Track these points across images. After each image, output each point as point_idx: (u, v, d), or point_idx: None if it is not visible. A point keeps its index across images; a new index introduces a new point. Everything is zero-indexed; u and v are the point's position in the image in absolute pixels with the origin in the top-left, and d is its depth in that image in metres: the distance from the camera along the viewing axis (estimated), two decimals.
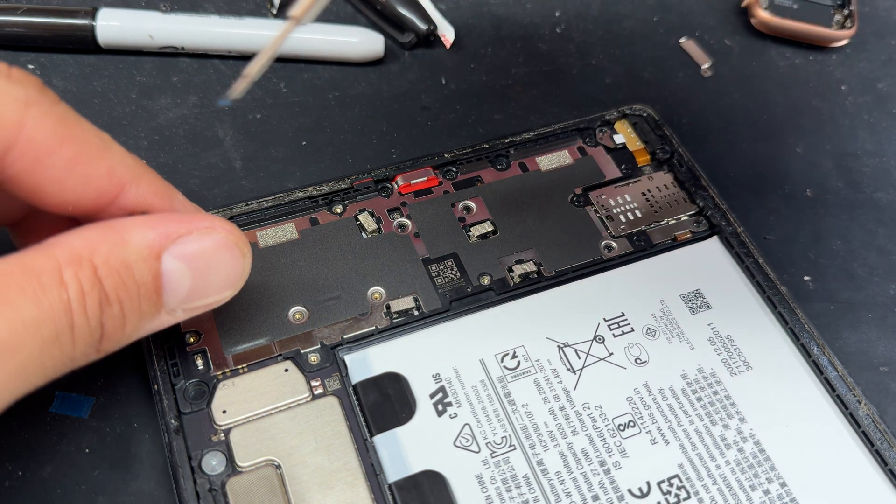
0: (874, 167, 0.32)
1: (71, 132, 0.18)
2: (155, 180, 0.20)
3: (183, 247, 0.19)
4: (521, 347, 0.24)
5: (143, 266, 0.18)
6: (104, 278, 0.18)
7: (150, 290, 0.19)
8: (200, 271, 0.20)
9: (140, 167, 0.20)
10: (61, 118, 0.18)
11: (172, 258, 0.19)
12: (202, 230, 0.20)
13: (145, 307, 0.19)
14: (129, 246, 0.18)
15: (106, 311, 0.18)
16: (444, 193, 0.28)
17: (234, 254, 0.20)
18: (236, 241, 0.20)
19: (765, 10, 0.35)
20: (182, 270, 0.19)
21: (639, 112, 0.31)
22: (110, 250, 0.18)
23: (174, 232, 0.19)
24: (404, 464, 0.22)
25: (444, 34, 0.34)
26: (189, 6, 0.34)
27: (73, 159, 0.18)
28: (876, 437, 0.23)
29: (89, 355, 0.18)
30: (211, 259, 0.20)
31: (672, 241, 0.27)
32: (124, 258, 0.18)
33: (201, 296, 0.20)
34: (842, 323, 0.27)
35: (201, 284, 0.20)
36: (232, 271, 0.21)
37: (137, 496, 0.22)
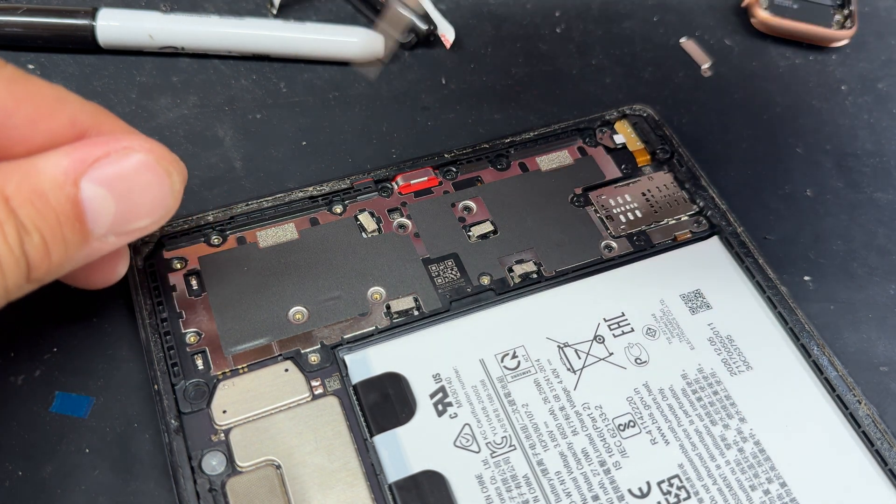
0: (874, 167, 0.32)
1: (25, 90, 0.18)
2: (115, 122, 0.20)
3: (101, 170, 0.19)
4: (521, 347, 0.24)
5: (58, 193, 0.18)
6: (18, 208, 0.17)
7: (71, 217, 0.18)
8: (123, 194, 0.19)
9: (100, 112, 0.20)
10: (12, 78, 0.18)
11: (91, 183, 0.18)
12: (120, 151, 0.19)
13: (69, 235, 0.18)
14: (41, 174, 0.18)
15: (26, 240, 0.18)
16: (444, 193, 0.28)
17: (158, 173, 0.20)
18: (158, 160, 0.20)
19: (765, 10, 0.35)
20: (102, 195, 0.19)
21: (639, 112, 0.31)
22: (21, 179, 0.18)
23: (90, 156, 0.19)
24: (404, 464, 0.22)
25: (444, 34, 0.34)
26: (189, 6, 0.34)
27: (33, 116, 0.18)
28: (876, 437, 0.23)
29: (22, 286, 0.18)
30: (133, 181, 0.19)
31: (672, 241, 0.27)
32: (36, 186, 0.18)
33: (130, 219, 0.20)
34: (842, 323, 0.27)
35: (127, 208, 0.19)
36: (159, 192, 0.20)
37: (137, 496, 0.22)
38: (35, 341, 0.24)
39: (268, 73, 0.32)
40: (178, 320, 0.24)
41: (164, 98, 0.31)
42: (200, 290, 0.25)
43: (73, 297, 0.25)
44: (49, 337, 0.24)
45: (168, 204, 0.20)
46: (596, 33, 0.35)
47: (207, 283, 0.25)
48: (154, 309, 0.24)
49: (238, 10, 0.34)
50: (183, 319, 0.24)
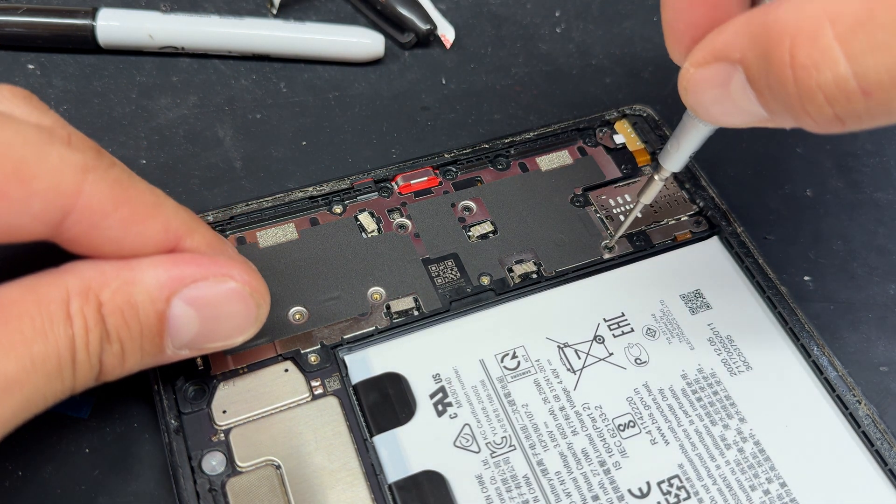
0: (874, 167, 0.32)
1: (126, 194, 0.18)
2: (207, 232, 0.20)
3: (194, 292, 0.19)
4: (521, 347, 0.24)
5: (149, 307, 0.18)
6: (107, 316, 0.18)
7: (153, 332, 0.19)
8: (209, 318, 0.20)
9: (193, 220, 0.20)
10: (116, 181, 0.18)
11: (182, 302, 0.19)
12: (218, 277, 0.19)
13: (147, 347, 0.19)
14: (138, 285, 0.18)
15: (106, 348, 0.18)
16: (444, 193, 0.28)
17: (248, 304, 0.20)
18: (252, 292, 0.20)
19: None
20: (190, 315, 0.19)
21: (639, 112, 0.31)
22: (118, 287, 0.18)
23: (189, 276, 0.19)
24: (404, 464, 0.22)
25: (444, 34, 0.34)
26: (189, 6, 0.34)
27: (128, 220, 0.18)
28: (876, 437, 0.23)
29: (88, 385, 0.19)
30: (222, 308, 0.20)
31: (672, 241, 0.27)
32: (131, 297, 0.18)
33: (208, 340, 0.20)
34: (842, 323, 0.27)
35: (209, 330, 0.20)
36: (244, 321, 0.20)
37: (137, 496, 0.22)
38: None
39: (268, 73, 0.32)
40: None
41: (164, 98, 0.31)
42: None
43: None
44: None
45: (248, 333, 0.21)
46: (596, 33, 0.35)
47: None
48: None
49: (238, 10, 0.34)
50: None
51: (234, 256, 0.21)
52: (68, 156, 0.17)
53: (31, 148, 0.17)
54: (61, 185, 0.17)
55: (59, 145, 0.17)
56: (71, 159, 0.17)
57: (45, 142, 0.17)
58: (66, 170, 0.17)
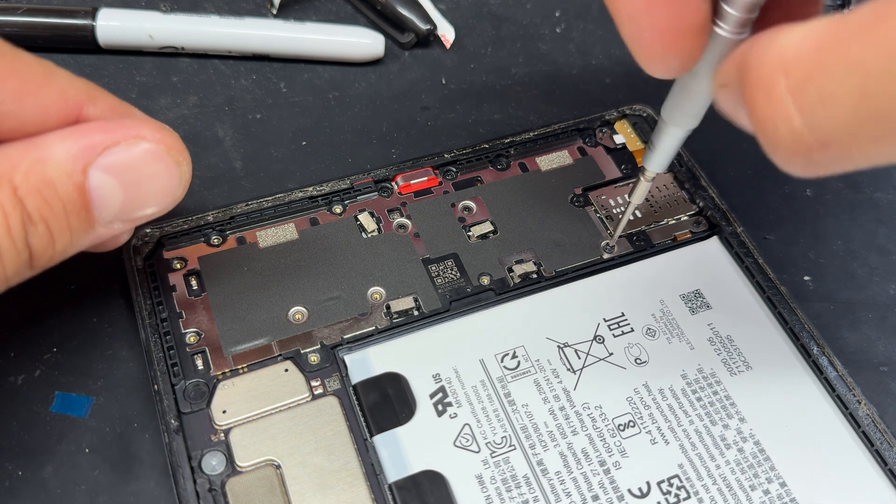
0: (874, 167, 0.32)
1: (10, 65, 0.18)
2: (109, 98, 0.20)
3: (110, 158, 0.18)
4: (521, 347, 0.24)
5: (66, 182, 0.18)
6: (25, 198, 0.17)
7: (78, 207, 0.18)
8: (131, 183, 0.19)
9: (91, 87, 0.19)
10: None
11: (99, 171, 0.18)
12: (130, 140, 0.19)
13: (75, 223, 0.18)
14: (50, 162, 0.18)
15: (31, 230, 0.17)
16: (444, 193, 0.28)
17: (167, 162, 0.19)
18: (168, 150, 0.19)
19: None
20: (111, 184, 0.18)
21: (639, 112, 0.31)
22: (30, 167, 0.17)
23: (99, 143, 0.18)
24: (404, 464, 0.22)
25: (444, 34, 0.34)
26: (189, 6, 0.34)
27: (20, 91, 0.18)
28: (876, 437, 0.23)
29: (23, 273, 0.18)
30: (142, 170, 0.19)
31: (672, 241, 0.27)
32: (45, 175, 0.17)
33: (137, 207, 0.19)
34: (842, 323, 0.27)
35: (134, 196, 0.19)
36: (167, 181, 0.20)
37: (137, 496, 0.22)
38: (35, 341, 0.24)
39: (268, 73, 0.32)
40: (178, 320, 0.24)
41: (164, 98, 0.31)
42: (200, 290, 0.25)
43: (73, 297, 0.25)
44: (49, 337, 0.24)
45: (176, 193, 0.20)
46: (596, 33, 0.35)
47: (207, 283, 0.25)
48: (154, 309, 0.24)
49: (238, 10, 0.34)
50: (183, 319, 0.24)
51: (142, 118, 0.20)
52: None
53: None
54: None
55: None
56: None
57: None
58: None
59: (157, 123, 0.20)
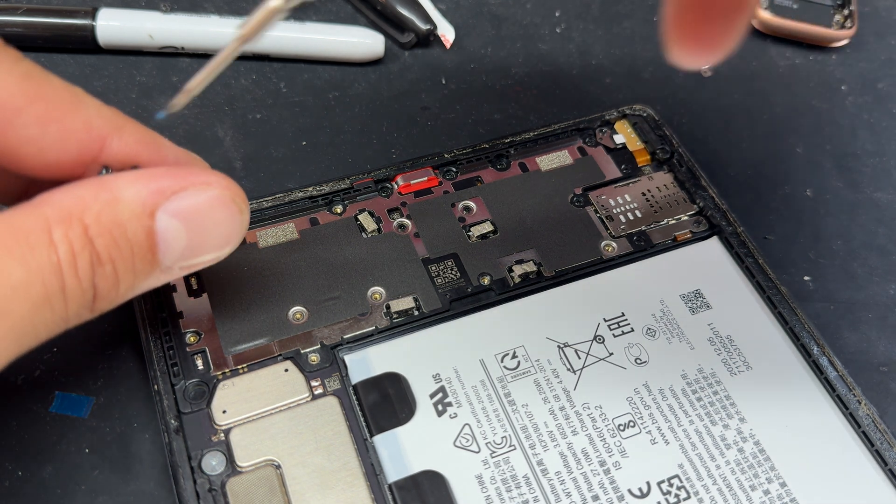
0: (874, 167, 0.32)
1: (39, 88, 0.17)
2: (137, 129, 0.20)
3: (178, 203, 0.18)
4: (521, 347, 0.24)
5: (136, 224, 0.18)
6: (95, 238, 0.17)
7: (145, 249, 0.18)
8: (196, 228, 0.19)
9: (119, 117, 0.19)
10: (26, 75, 0.17)
11: (167, 215, 0.18)
12: (198, 186, 0.19)
13: (139, 266, 0.18)
14: (121, 203, 0.18)
15: (98, 271, 0.17)
16: (444, 193, 0.28)
17: (232, 210, 0.20)
18: (233, 197, 0.20)
19: (765, 10, 0.35)
20: (177, 228, 0.19)
21: (639, 112, 0.31)
22: (101, 208, 0.17)
23: (168, 188, 0.18)
24: (404, 464, 0.22)
25: (444, 34, 0.34)
26: (189, 6, 0.34)
27: (44, 116, 0.18)
28: (876, 437, 0.23)
29: (83, 315, 0.18)
30: (207, 216, 0.19)
31: (672, 241, 0.27)
32: (116, 216, 0.18)
33: (198, 253, 0.20)
34: (842, 323, 0.27)
35: (198, 241, 0.19)
36: (230, 228, 0.20)
37: (137, 496, 0.22)
38: None
39: (268, 73, 0.32)
40: (178, 320, 0.24)
41: (164, 98, 0.31)
42: (200, 291, 0.25)
43: None
44: None
45: (235, 240, 0.20)
46: (596, 33, 0.35)
47: (207, 283, 0.25)
48: (154, 309, 0.24)
49: (238, 10, 0.34)
50: (183, 319, 0.24)
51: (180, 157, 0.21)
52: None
53: None
54: None
55: None
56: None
57: None
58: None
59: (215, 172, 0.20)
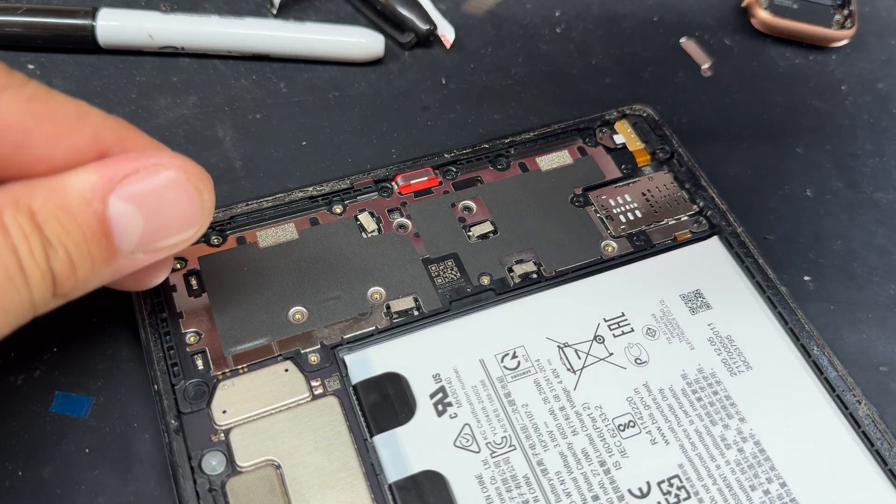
0: (874, 167, 0.32)
1: (46, 108, 0.18)
2: (139, 137, 0.20)
3: (129, 187, 0.18)
4: (521, 347, 0.24)
5: (85, 209, 0.18)
6: (43, 223, 0.17)
7: (98, 235, 0.18)
8: (152, 212, 0.19)
9: (123, 127, 0.19)
10: (33, 97, 0.18)
11: (119, 200, 0.18)
12: (150, 168, 0.19)
13: (95, 252, 0.18)
14: (68, 189, 0.18)
15: (52, 255, 0.17)
16: (444, 193, 0.28)
17: (188, 191, 0.19)
18: (189, 177, 0.19)
19: (765, 10, 0.35)
20: (132, 212, 0.18)
21: (639, 112, 0.31)
22: (48, 194, 0.17)
23: (119, 172, 0.18)
24: (404, 464, 0.22)
25: (444, 34, 0.34)
26: (189, 6, 0.34)
27: (54, 134, 0.18)
28: (876, 437, 0.23)
29: (48, 301, 0.18)
30: (162, 198, 0.19)
31: (672, 241, 0.27)
32: (63, 202, 0.18)
33: (159, 237, 0.19)
34: (842, 323, 0.27)
35: (156, 225, 0.19)
36: (189, 209, 0.20)
37: (137, 496, 0.22)
38: (35, 341, 0.24)
39: (268, 73, 0.32)
40: (178, 320, 0.24)
41: (164, 98, 0.31)
42: (200, 290, 0.25)
43: None
44: (49, 337, 0.24)
45: (198, 221, 0.20)
46: (596, 33, 0.35)
47: (207, 283, 0.25)
48: (154, 309, 0.24)
49: (238, 10, 0.34)
50: (183, 319, 0.24)
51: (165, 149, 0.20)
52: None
53: None
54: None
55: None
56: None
57: None
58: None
59: (178, 155, 0.20)
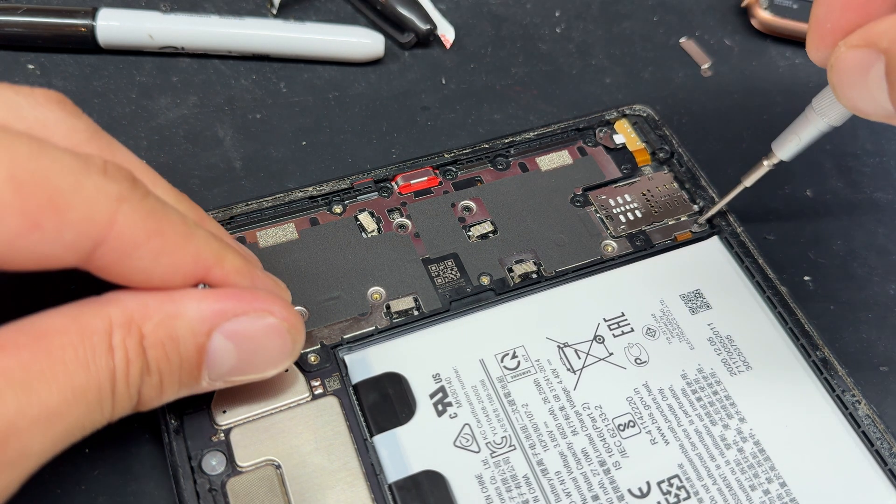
0: (874, 167, 0.32)
1: (159, 225, 0.18)
2: (236, 259, 0.20)
3: (234, 326, 0.19)
4: (521, 347, 0.24)
5: (190, 341, 0.18)
6: (149, 349, 0.18)
7: (192, 365, 0.19)
8: (247, 352, 0.20)
9: (223, 248, 0.20)
10: (151, 212, 0.18)
11: (222, 336, 0.19)
12: (258, 312, 0.19)
13: (185, 379, 0.19)
14: (181, 319, 0.18)
15: (146, 380, 0.18)
16: (444, 193, 0.28)
17: (285, 340, 0.20)
18: (290, 328, 0.20)
19: (765, 10, 0.35)
20: (228, 349, 0.19)
21: (639, 112, 0.31)
22: (161, 321, 0.18)
23: (230, 310, 0.19)
24: (404, 464, 0.22)
25: (444, 34, 0.34)
26: (189, 6, 0.34)
27: (159, 251, 0.18)
28: (876, 437, 0.23)
29: (124, 415, 0.19)
30: (260, 342, 0.20)
31: (672, 241, 0.27)
32: (173, 331, 0.18)
33: (243, 373, 0.20)
34: (842, 323, 0.27)
35: (245, 363, 0.20)
36: (279, 355, 0.20)
37: (137, 496, 0.22)
38: None
39: (268, 73, 0.32)
40: None
41: (164, 98, 0.31)
42: None
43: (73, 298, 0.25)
44: None
45: (282, 366, 0.21)
46: (596, 33, 0.35)
47: None
48: None
49: (238, 10, 0.34)
50: None
51: (269, 286, 0.21)
52: (104, 185, 0.17)
53: (67, 177, 0.16)
54: (95, 215, 0.17)
55: (96, 174, 0.17)
56: (106, 189, 0.17)
57: (81, 171, 0.17)
58: (100, 200, 0.17)
59: (281, 299, 0.20)
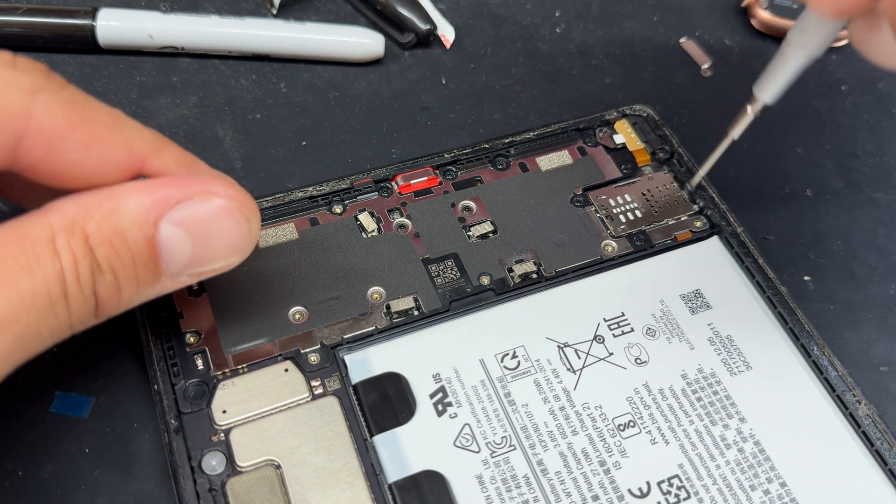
0: (874, 167, 0.32)
1: (82, 113, 0.18)
2: (175, 150, 0.20)
3: (181, 213, 0.19)
4: (521, 347, 0.24)
5: (137, 233, 0.18)
6: (96, 247, 0.17)
7: (146, 258, 0.18)
8: (201, 238, 0.19)
9: (158, 139, 0.19)
10: (70, 101, 0.18)
11: (170, 225, 0.18)
12: (202, 195, 0.19)
13: (142, 274, 0.18)
14: (122, 213, 0.18)
15: (99, 279, 0.18)
16: (444, 193, 0.28)
17: (238, 219, 0.20)
18: (240, 207, 0.20)
19: (765, 10, 0.35)
20: (181, 237, 0.19)
21: (639, 112, 0.31)
22: (103, 217, 0.18)
23: (172, 197, 0.18)
24: (404, 464, 0.22)
25: (444, 34, 0.34)
26: (189, 6, 0.34)
27: (87, 141, 0.18)
28: (876, 437, 0.23)
29: (87, 321, 0.18)
30: (212, 225, 0.19)
31: (672, 241, 0.27)
32: (117, 225, 0.18)
33: (205, 262, 0.20)
34: (842, 323, 0.27)
35: (204, 251, 0.19)
36: (237, 237, 0.20)
37: (137, 496, 0.22)
38: None
39: (268, 73, 0.32)
40: (178, 320, 0.24)
41: (164, 98, 0.31)
42: (200, 290, 0.25)
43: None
44: None
45: (244, 249, 0.20)
46: (596, 33, 0.35)
47: (207, 283, 0.25)
48: (154, 309, 0.24)
49: (238, 10, 0.34)
50: (183, 319, 0.24)
51: (211, 173, 0.21)
52: (13, 77, 0.17)
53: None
54: (9, 107, 0.17)
55: (4, 67, 0.17)
56: (17, 80, 0.17)
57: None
58: (11, 91, 0.17)
59: (228, 179, 0.20)
